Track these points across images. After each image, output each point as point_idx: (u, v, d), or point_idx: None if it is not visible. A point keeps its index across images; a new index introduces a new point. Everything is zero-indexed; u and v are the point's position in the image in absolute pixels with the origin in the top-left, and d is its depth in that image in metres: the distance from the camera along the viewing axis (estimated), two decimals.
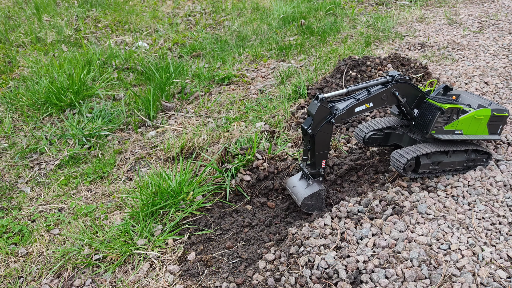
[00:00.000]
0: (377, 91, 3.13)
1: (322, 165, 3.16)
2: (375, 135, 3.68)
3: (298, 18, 8.07)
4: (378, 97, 3.14)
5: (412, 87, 3.29)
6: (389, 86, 3.16)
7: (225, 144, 4.12)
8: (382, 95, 3.14)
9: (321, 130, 2.97)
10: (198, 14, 8.96)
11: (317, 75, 5.48)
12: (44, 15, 8.28)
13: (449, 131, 3.39)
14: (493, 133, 3.55)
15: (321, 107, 2.91)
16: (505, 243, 2.86)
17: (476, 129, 3.47)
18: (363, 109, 3.11)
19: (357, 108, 3.08)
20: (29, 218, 3.60)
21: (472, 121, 3.41)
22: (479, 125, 3.46)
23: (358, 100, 3.08)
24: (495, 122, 3.50)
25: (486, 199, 3.28)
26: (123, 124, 4.94)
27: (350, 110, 3.04)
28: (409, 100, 3.34)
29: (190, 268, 2.87)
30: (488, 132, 3.52)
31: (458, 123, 3.37)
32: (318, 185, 3.19)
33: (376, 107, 3.18)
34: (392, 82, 3.18)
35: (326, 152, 3.10)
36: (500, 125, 3.53)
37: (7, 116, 5.00)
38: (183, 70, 5.94)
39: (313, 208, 3.23)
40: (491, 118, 3.45)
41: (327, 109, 2.96)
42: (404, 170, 3.30)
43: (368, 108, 3.14)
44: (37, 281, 2.98)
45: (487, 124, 3.47)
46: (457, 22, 7.22)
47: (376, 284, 2.58)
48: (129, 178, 4.05)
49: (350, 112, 3.05)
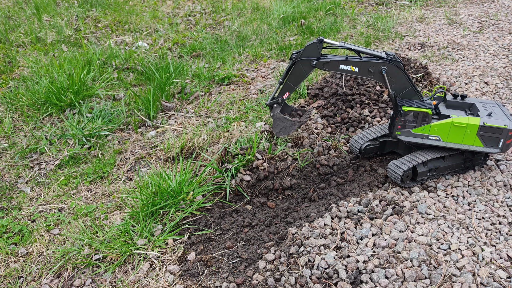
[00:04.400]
0: (366, 60, 3.21)
1: (284, 96, 3.45)
2: (371, 145, 3.68)
3: (298, 18, 8.07)
4: (366, 67, 3.22)
5: (402, 73, 3.23)
6: (380, 61, 3.19)
7: (225, 144, 4.12)
8: (370, 67, 3.21)
9: (302, 64, 3.25)
10: (198, 14, 8.96)
11: (317, 75, 5.48)
12: (44, 15, 8.28)
13: (420, 135, 3.32)
14: (491, 146, 3.29)
15: (314, 45, 3.18)
16: (505, 243, 2.86)
17: (462, 138, 3.27)
18: (347, 69, 3.25)
19: (342, 66, 3.24)
20: (29, 218, 3.60)
21: (451, 128, 3.25)
22: (464, 134, 3.25)
23: (346, 59, 3.22)
24: (490, 134, 3.25)
25: (486, 199, 3.28)
26: (123, 124, 4.94)
27: (335, 63, 3.23)
28: (397, 88, 3.29)
29: (190, 268, 2.87)
30: (483, 143, 3.29)
31: (431, 128, 3.28)
32: (275, 112, 3.50)
33: (361, 75, 3.25)
34: (384, 59, 3.19)
35: (293, 87, 3.39)
36: (499, 138, 3.25)
37: (7, 116, 5.00)
38: (183, 70, 5.94)
39: (285, 130, 3.56)
40: (481, 128, 3.22)
41: (317, 50, 3.21)
42: (402, 181, 3.31)
43: (353, 71, 3.24)
44: (37, 281, 2.98)
45: (477, 135, 3.25)
46: (457, 22, 7.22)
47: (376, 284, 2.58)
48: (129, 178, 4.05)
49: (333, 65, 3.24)
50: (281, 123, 3.51)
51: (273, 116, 3.49)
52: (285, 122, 3.49)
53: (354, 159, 3.88)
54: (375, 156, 3.86)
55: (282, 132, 3.55)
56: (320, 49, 3.20)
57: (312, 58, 3.21)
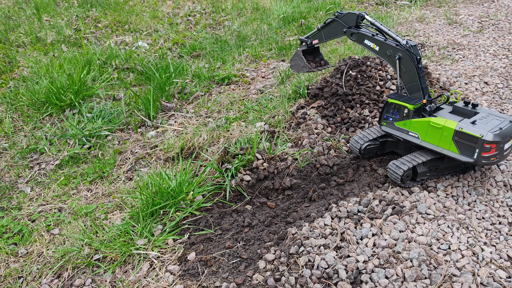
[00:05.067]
0: (388, 43, 3.36)
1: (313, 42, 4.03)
2: (371, 145, 3.68)
3: (298, 18, 8.06)
4: (385, 48, 3.38)
5: (413, 65, 3.25)
6: (398, 47, 3.28)
7: (225, 144, 4.12)
8: (389, 49, 3.35)
9: (337, 24, 3.67)
10: (198, 14, 8.96)
11: (317, 75, 5.48)
12: (44, 15, 8.28)
13: (401, 129, 3.40)
14: (465, 154, 3.09)
15: (354, 16, 3.53)
16: (505, 243, 2.86)
17: (438, 140, 3.19)
18: (370, 46, 3.48)
19: (367, 41, 3.50)
20: (29, 218, 3.60)
21: (428, 127, 3.20)
22: (440, 137, 3.16)
23: (372, 36, 3.45)
24: (465, 141, 3.06)
25: (486, 199, 3.28)
26: (123, 124, 4.94)
27: (361, 36, 3.54)
28: (405, 78, 3.35)
29: (190, 268, 2.87)
30: (458, 150, 3.11)
31: (411, 124, 3.32)
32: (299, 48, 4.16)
33: (380, 55, 3.43)
34: (401, 46, 3.26)
35: (323, 38, 3.91)
36: (474, 148, 3.02)
37: (7, 116, 5.00)
38: (183, 70, 5.94)
39: (297, 67, 4.22)
40: (456, 133, 3.07)
41: (354, 21, 3.55)
42: (402, 181, 3.31)
43: (374, 49, 3.45)
44: (37, 281, 2.98)
45: (453, 140, 3.11)
46: (457, 22, 7.22)
47: (376, 284, 2.58)
48: (129, 178, 4.05)
49: (360, 38, 3.55)
50: (297, 60, 4.10)
51: (296, 51, 4.12)
52: (300, 61, 4.03)
53: (354, 159, 3.88)
54: (375, 156, 3.86)
55: (294, 68, 4.21)
56: (356, 22, 3.49)
57: (345, 25, 3.60)
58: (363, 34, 3.50)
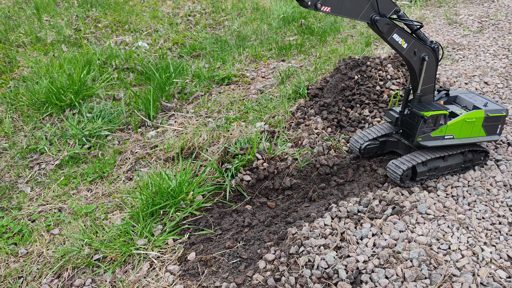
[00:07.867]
0: (417, 41, 3.16)
1: None
2: (371, 145, 3.68)
3: (298, 18, 8.06)
4: (414, 46, 3.16)
5: (435, 67, 3.24)
6: (427, 46, 3.16)
7: (225, 144, 4.12)
8: (417, 48, 3.17)
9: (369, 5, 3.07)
10: (198, 14, 8.96)
11: (317, 75, 5.48)
12: (44, 15, 8.28)
13: (438, 136, 3.34)
14: (492, 133, 3.50)
15: (392, 5, 3.09)
16: (505, 243, 2.87)
17: (470, 132, 3.41)
18: (398, 41, 3.14)
19: (396, 35, 3.13)
20: (29, 218, 3.60)
21: (463, 124, 3.35)
22: (473, 128, 3.40)
23: (402, 30, 3.13)
24: (492, 122, 3.43)
25: (486, 199, 3.28)
26: (123, 124, 4.94)
27: (391, 29, 3.10)
28: (425, 80, 3.28)
29: (190, 268, 2.87)
30: (486, 133, 3.46)
31: (447, 128, 3.31)
32: None
33: (405, 53, 3.15)
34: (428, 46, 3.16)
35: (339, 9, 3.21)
36: (498, 125, 3.47)
37: (7, 116, 5.00)
38: (183, 70, 5.94)
39: None
40: (486, 119, 3.39)
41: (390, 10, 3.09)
42: (401, 181, 3.31)
43: (401, 46, 3.15)
44: (37, 281, 2.98)
45: (482, 126, 3.41)
46: (457, 22, 7.22)
47: (376, 284, 2.58)
48: (129, 178, 4.05)
49: (389, 30, 3.11)
50: None
51: None
52: None
53: (354, 159, 3.88)
54: (375, 156, 3.86)
55: None
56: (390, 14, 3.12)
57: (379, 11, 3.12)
58: (393, 26, 3.09)
